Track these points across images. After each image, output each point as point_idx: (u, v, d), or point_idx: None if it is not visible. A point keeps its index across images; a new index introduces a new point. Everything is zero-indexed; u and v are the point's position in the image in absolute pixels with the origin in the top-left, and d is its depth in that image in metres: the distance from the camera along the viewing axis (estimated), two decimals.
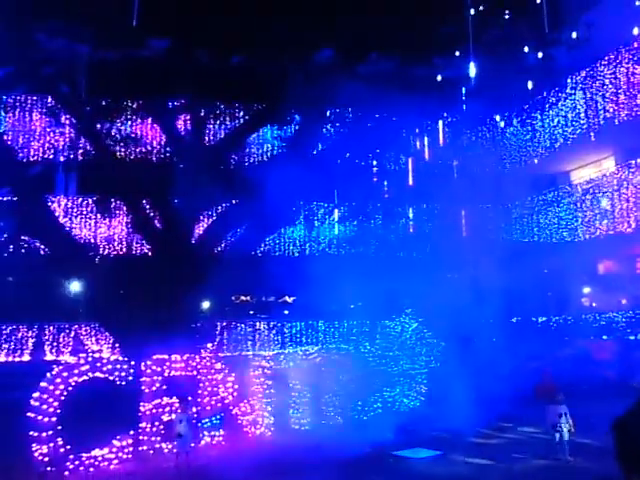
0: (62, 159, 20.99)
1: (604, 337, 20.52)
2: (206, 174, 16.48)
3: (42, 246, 18.37)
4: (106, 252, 20.83)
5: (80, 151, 19.99)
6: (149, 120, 20.10)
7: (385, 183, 21.38)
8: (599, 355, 18.82)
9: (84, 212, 21.44)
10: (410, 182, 20.99)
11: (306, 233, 23.32)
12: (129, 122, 19.80)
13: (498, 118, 22.31)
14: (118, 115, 18.97)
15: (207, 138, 19.14)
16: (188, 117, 19.19)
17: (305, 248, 23.40)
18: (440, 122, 19.76)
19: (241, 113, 20.23)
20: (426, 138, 20.39)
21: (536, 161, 22.38)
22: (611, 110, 19.39)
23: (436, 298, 18.05)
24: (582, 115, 20.41)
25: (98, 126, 18.25)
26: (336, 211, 23.21)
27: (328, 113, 18.31)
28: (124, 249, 21.12)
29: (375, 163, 20.69)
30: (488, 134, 22.76)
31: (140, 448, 11.16)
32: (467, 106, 17.82)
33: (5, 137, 18.49)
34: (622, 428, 2.23)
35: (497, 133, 22.96)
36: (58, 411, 10.35)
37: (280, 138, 20.47)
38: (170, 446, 11.25)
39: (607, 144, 20.75)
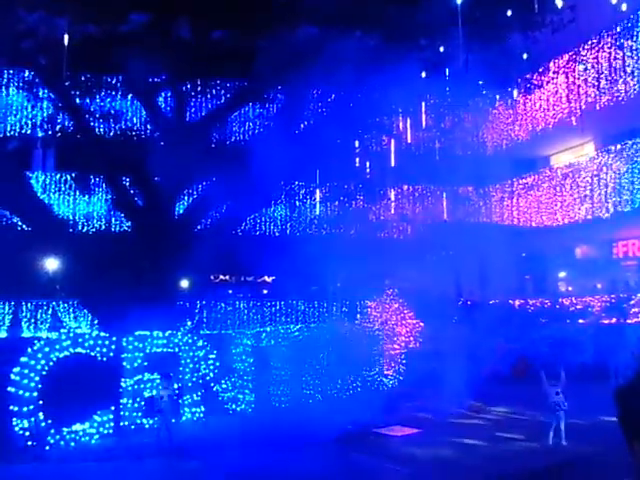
0: (40, 135, 20.64)
1: (580, 321, 20.84)
2: (187, 151, 16.29)
3: (20, 222, 18.11)
4: (85, 229, 20.63)
5: (58, 127, 19.65)
6: (129, 96, 19.81)
7: (367, 164, 21.37)
8: (574, 338, 19.12)
9: (63, 188, 21.17)
10: (392, 163, 20.99)
11: (287, 213, 23.28)
12: (109, 98, 19.49)
13: (481, 101, 22.38)
14: (98, 90, 18.64)
15: (188, 115, 18.91)
16: (169, 94, 18.93)
17: (286, 228, 23.38)
18: (423, 103, 19.73)
19: (223, 91, 20.01)
20: (408, 119, 20.39)
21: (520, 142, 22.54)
22: (592, 95, 19.55)
23: (416, 279, 18.19)
24: (564, 99, 20.56)
25: (77, 101, 17.92)
26: (317, 191, 23.17)
27: (311, 92, 18.18)
28: (104, 226, 20.94)
29: (357, 144, 20.64)
30: (470, 116, 22.82)
31: (121, 423, 11.16)
32: (450, 88, 17.82)
33: None
34: (624, 396, 2.27)
35: (479, 116, 23.04)
36: (39, 386, 10.29)
37: (262, 116, 20.31)
38: (151, 422, 11.26)
39: (588, 129, 20.95)
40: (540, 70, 21.18)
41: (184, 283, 22.59)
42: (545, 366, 11.37)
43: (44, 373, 10.43)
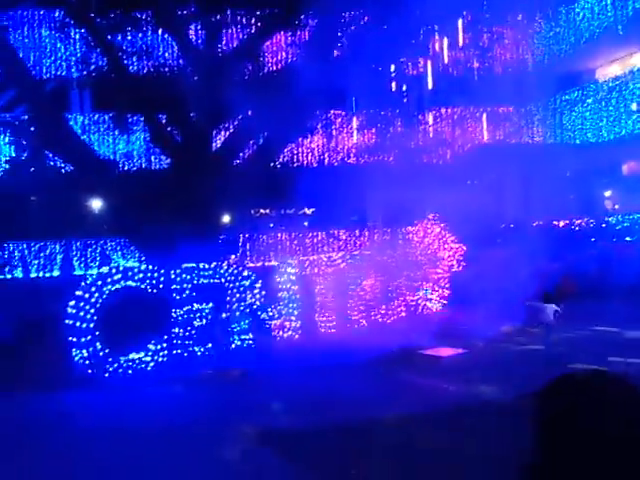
0: (75, 75, 20.72)
1: (627, 239, 20.46)
2: (221, 84, 16.17)
3: (64, 164, 18.44)
4: (126, 168, 20.90)
5: (93, 67, 19.66)
6: (160, 31, 19.61)
7: (403, 88, 20.86)
8: (621, 256, 18.83)
9: (101, 129, 21.37)
10: (429, 86, 20.45)
11: (324, 143, 23.06)
12: (140, 34, 19.32)
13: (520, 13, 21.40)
14: (128, 27, 18.48)
15: (220, 47, 18.65)
16: (200, 26, 18.65)
17: (324, 158, 23.21)
18: (460, 21, 18.98)
19: (253, 19, 19.61)
20: (445, 39, 19.69)
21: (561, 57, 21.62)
22: None
23: (458, 203, 17.98)
24: (609, 7, 19.51)
25: (109, 39, 17.82)
26: (354, 119, 22.83)
27: (344, 16, 17.66)
28: (144, 164, 21.18)
29: (393, 67, 20.11)
30: (510, 32, 21.89)
31: (174, 352, 11.60)
32: (487, 2, 17.09)
33: (18, 54, 18.12)
34: None
35: (519, 30, 22.08)
36: (95, 317, 10.73)
37: (295, 44, 19.90)
38: (202, 349, 11.68)
39: (635, 38, 19.89)
40: None
41: (226, 218, 22.85)
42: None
43: (98, 305, 10.84)
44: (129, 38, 18.77)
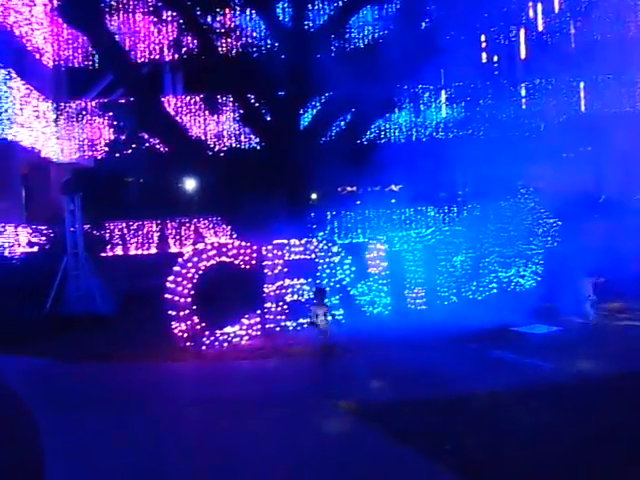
0: (168, 59, 21.41)
1: None
2: (309, 62, 16.24)
3: (160, 145, 19.11)
4: (217, 148, 21.45)
5: (184, 49, 20.18)
6: (248, 11, 19.86)
7: (495, 59, 20.22)
8: None
9: (193, 110, 22.02)
10: (522, 56, 19.71)
11: (412, 118, 22.74)
12: (229, 14, 19.61)
13: None
14: (218, 7, 18.79)
15: (308, 24, 18.66)
16: (287, 4, 18.72)
17: (411, 134, 22.91)
18: None
19: None
20: (540, 5, 18.85)
21: None
22: None
23: (553, 177, 17.37)
24: None
25: (200, 20, 18.21)
26: (443, 92, 22.36)
27: None
28: (234, 144, 21.66)
29: (484, 38, 19.51)
30: None
31: (267, 326, 11.90)
32: None
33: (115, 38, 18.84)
34: None
35: None
36: (192, 292, 11.16)
37: (382, 18, 19.65)
38: (294, 324, 11.94)
39: None
40: None
41: (313, 195, 23.04)
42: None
43: (195, 281, 11.26)
44: (218, 19, 19.08)
